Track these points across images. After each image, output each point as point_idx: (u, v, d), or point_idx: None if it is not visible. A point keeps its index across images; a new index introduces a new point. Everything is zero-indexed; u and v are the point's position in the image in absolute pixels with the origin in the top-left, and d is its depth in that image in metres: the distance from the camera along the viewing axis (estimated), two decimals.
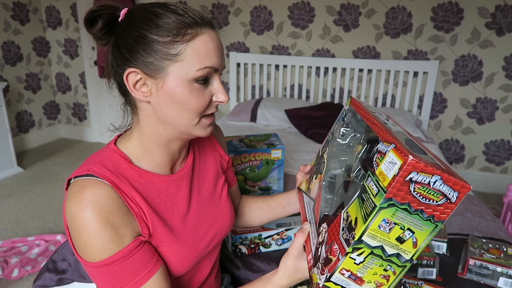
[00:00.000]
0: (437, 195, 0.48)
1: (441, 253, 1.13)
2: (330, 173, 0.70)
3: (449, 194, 0.47)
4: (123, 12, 0.65)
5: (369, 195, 0.51)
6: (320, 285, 0.55)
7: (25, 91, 3.48)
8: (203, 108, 0.65)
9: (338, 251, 0.54)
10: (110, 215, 0.60)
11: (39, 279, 1.14)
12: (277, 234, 1.12)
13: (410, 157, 0.45)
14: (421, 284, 0.88)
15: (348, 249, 0.51)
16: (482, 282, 1.00)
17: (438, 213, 0.49)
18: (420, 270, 1.00)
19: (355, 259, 0.52)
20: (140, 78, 0.63)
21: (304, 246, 0.69)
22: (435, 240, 1.13)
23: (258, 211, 0.97)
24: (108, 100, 3.60)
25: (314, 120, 2.52)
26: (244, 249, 1.11)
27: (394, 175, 0.47)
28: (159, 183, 0.71)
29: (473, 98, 2.71)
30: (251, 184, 1.38)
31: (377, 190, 0.50)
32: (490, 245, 1.08)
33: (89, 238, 0.59)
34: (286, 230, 1.12)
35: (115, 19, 0.65)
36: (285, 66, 3.03)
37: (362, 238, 0.50)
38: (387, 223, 0.49)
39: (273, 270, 0.72)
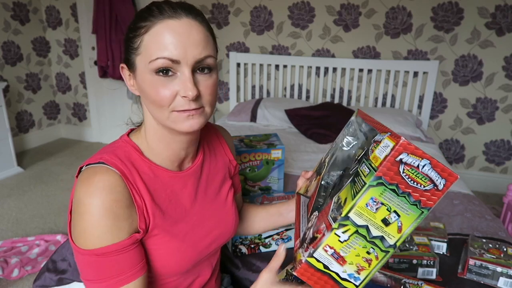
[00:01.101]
0: (425, 179, 0.49)
1: (441, 253, 1.13)
2: (330, 174, 0.71)
3: (437, 180, 0.49)
4: None
5: (360, 177, 0.52)
6: (303, 261, 0.55)
7: (25, 91, 3.48)
8: (165, 102, 0.62)
9: (325, 229, 0.54)
10: (114, 204, 0.60)
11: (39, 279, 1.14)
12: (277, 234, 1.12)
13: (403, 138, 0.48)
14: (421, 284, 0.88)
15: (334, 225, 0.52)
16: (482, 282, 1.00)
17: (425, 199, 0.50)
18: (420, 270, 1.00)
19: (339, 236, 0.52)
20: (129, 74, 0.68)
21: (279, 269, 0.68)
22: (435, 240, 1.13)
23: (257, 218, 0.97)
24: (118, 99, 3.60)
25: (314, 120, 2.52)
26: (244, 249, 1.11)
27: (386, 155, 0.49)
28: (166, 178, 0.72)
29: (473, 98, 2.71)
30: (251, 184, 1.38)
31: (368, 171, 0.51)
32: (490, 245, 1.08)
33: (89, 224, 0.60)
34: (286, 230, 1.12)
35: None
36: (285, 66, 3.03)
37: (349, 215, 0.51)
38: (375, 202, 0.50)
39: None
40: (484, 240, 1.11)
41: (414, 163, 0.48)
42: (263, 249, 1.13)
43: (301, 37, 2.96)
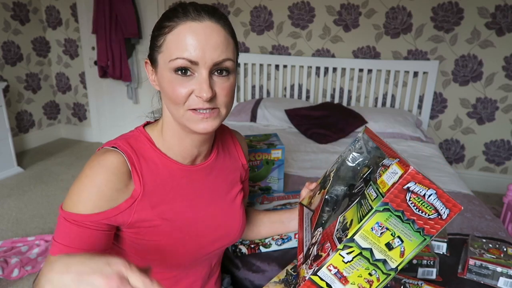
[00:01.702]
0: (430, 208, 0.51)
1: (441, 253, 1.13)
2: (334, 189, 0.72)
3: (441, 210, 0.51)
4: None
5: (367, 200, 0.54)
6: (306, 278, 0.56)
7: (25, 91, 3.48)
8: (181, 99, 0.64)
9: (330, 248, 0.56)
10: (104, 183, 0.63)
11: None
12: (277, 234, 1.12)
13: (412, 167, 0.49)
14: (421, 284, 0.88)
15: (339, 246, 0.53)
16: (482, 282, 1.00)
17: (428, 227, 0.52)
18: (420, 270, 1.00)
19: (344, 257, 0.54)
20: (152, 69, 0.70)
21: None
22: (435, 240, 1.13)
23: (257, 222, 0.98)
24: (108, 99, 3.59)
25: (314, 120, 2.51)
26: (244, 249, 1.11)
27: (394, 182, 0.50)
28: (175, 170, 0.73)
29: (473, 98, 2.71)
30: (251, 184, 1.38)
31: (375, 195, 0.52)
32: (490, 245, 1.08)
33: (75, 188, 0.64)
34: None
35: None
36: (285, 66, 3.03)
37: (354, 237, 0.52)
38: (380, 226, 0.52)
39: None
40: (484, 240, 1.11)
41: (420, 192, 0.50)
42: (263, 249, 1.13)
43: (301, 37, 2.95)
